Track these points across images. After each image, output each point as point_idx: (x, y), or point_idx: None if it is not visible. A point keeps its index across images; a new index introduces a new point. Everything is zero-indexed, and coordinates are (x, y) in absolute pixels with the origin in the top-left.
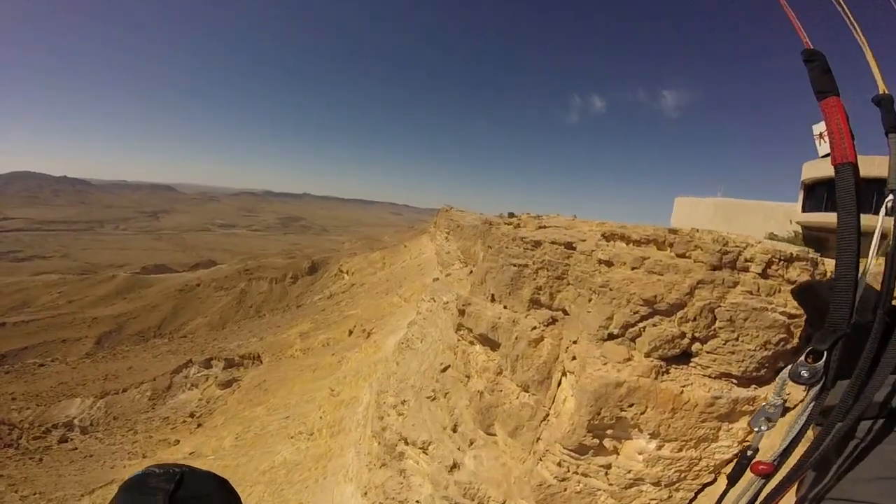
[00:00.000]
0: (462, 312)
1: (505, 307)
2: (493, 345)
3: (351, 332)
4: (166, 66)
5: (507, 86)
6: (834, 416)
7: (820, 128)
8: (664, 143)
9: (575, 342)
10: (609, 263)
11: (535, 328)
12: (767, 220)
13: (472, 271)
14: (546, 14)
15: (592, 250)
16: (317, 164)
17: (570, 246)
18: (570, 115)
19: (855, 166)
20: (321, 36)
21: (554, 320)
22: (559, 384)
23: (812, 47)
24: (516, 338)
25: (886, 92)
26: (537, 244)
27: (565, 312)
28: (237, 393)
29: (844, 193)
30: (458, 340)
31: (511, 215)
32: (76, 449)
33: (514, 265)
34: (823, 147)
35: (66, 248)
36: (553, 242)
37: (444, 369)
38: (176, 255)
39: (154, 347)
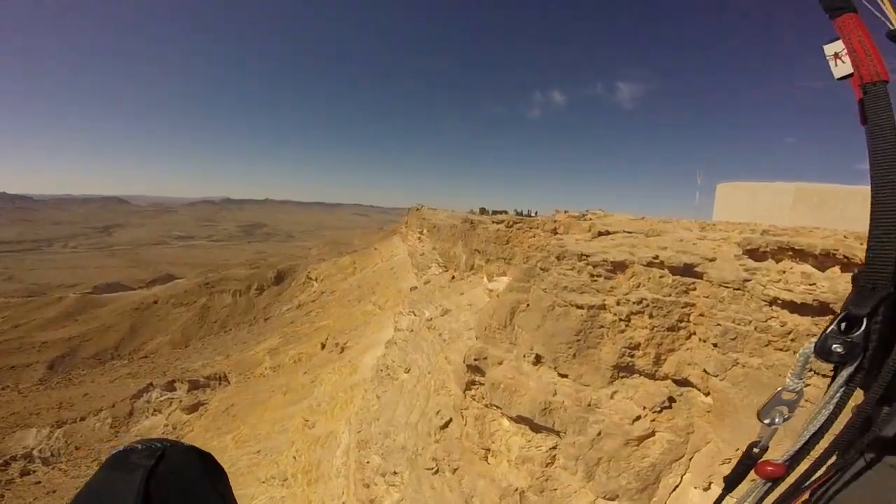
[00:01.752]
0: (475, 369)
1: (564, 376)
2: (539, 427)
3: (323, 346)
4: (111, 71)
5: (471, 84)
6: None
7: (835, 47)
8: (621, 134)
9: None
10: (791, 305)
11: (637, 418)
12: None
13: (453, 276)
14: (506, 12)
15: (746, 279)
16: (278, 168)
17: (689, 270)
18: (533, 111)
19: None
20: (278, 37)
21: (671, 401)
22: (674, 492)
23: None
24: (598, 433)
25: None
26: (618, 268)
27: (689, 385)
28: (204, 418)
29: (879, 118)
30: (468, 400)
31: (483, 211)
32: (40, 483)
33: (578, 307)
34: (841, 68)
35: (9, 269)
36: (652, 264)
37: (445, 425)
38: (131, 272)
39: (113, 370)
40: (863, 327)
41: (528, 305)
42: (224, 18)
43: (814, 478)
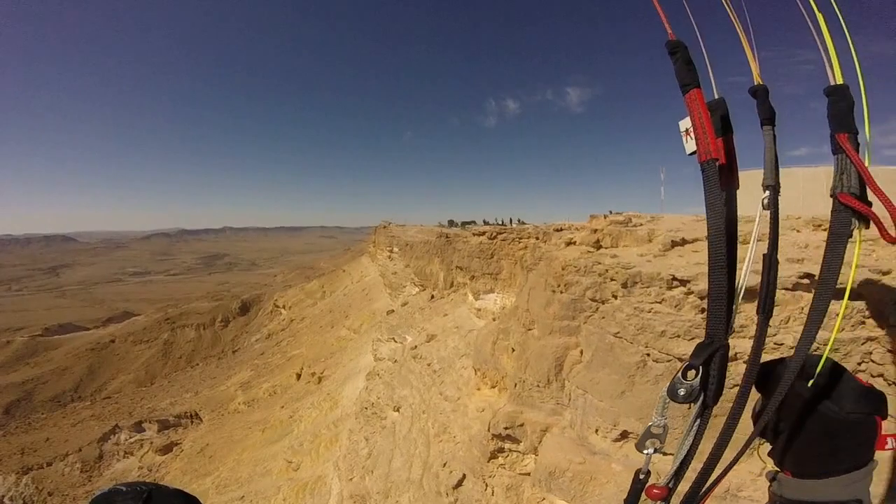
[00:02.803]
0: (506, 436)
1: (671, 454)
2: None
3: (299, 376)
4: (41, 102)
5: (426, 97)
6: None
7: (686, 124)
8: (573, 137)
9: None
10: None
11: None
12: None
13: (432, 296)
14: (452, 24)
15: None
16: (235, 196)
17: (858, 294)
18: (489, 119)
19: (725, 163)
20: (229, 58)
21: None
22: None
23: (675, 38)
24: None
25: (761, 82)
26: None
27: None
28: (179, 460)
29: (711, 193)
30: (494, 467)
31: (451, 223)
32: None
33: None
34: (690, 144)
35: None
36: (798, 286)
37: (459, 483)
38: (84, 312)
39: (74, 413)
40: (699, 374)
41: (581, 353)
42: (170, 41)
43: (709, 483)
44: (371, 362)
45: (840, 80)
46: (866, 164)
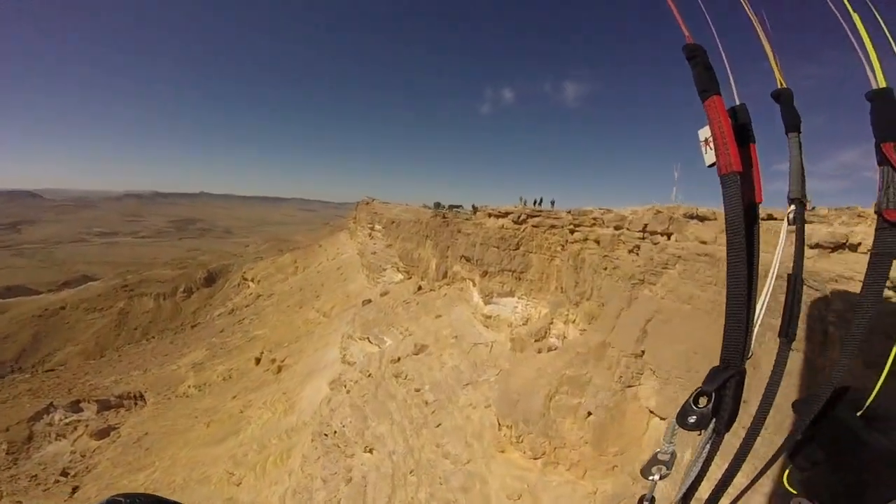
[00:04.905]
0: None
1: None
2: None
3: (258, 361)
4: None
5: (424, 78)
6: None
7: (705, 133)
8: (568, 130)
9: None
10: None
11: None
12: None
13: (420, 287)
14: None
15: None
16: (215, 160)
17: None
18: (484, 106)
19: (747, 176)
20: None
21: None
22: None
23: (693, 42)
24: None
25: (785, 85)
26: None
27: None
28: (113, 448)
29: (732, 209)
30: None
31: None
32: None
33: None
34: (710, 155)
35: None
36: None
37: None
38: (40, 274)
39: (11, 386)
40: (711, 400)
41: None
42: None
43: None
44: (338, 360)
45: (883, 83)
46: None
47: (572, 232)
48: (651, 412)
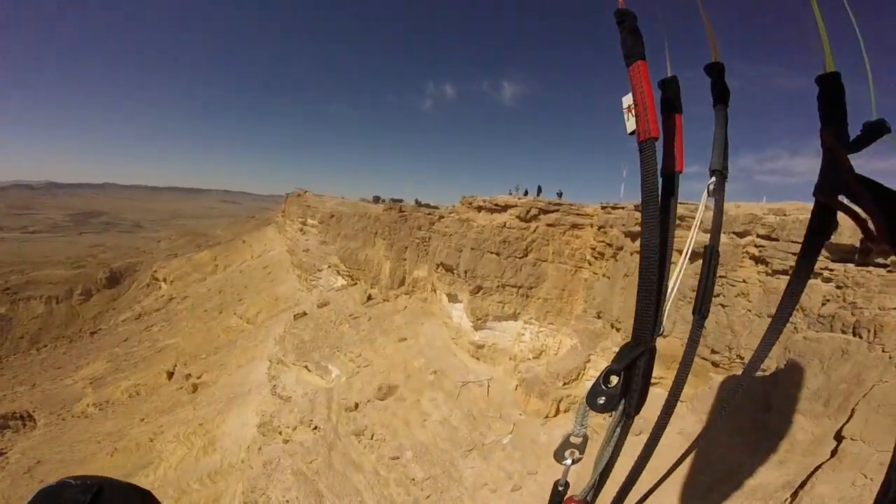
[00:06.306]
0: None
1: None
2: None
3: (171, 376)
4: None
5: (361, 70)
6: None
7: (628, 100)
8: (506, 129)
9: None
10: None
11: None
12: None
13: (370, 296)
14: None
15: None
16: (121, 148)
17: None
18: (426, 102)
19: (668, 144)
20: None
21: None
22: None
23: (624, 6)
24: None
25: (718, 60)
26: None
27: None
28: (1, 480)
29: (648, 177)
30: None
31: (377, 199)
32: None
33: None
34: (631, 122)
35: None
36: None
37: None
38: None
39: None
40: (620, 379)
41: None
42: None
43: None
44: (265, 383)
45: (831, 68)
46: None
47: (573, 228)
48: None
